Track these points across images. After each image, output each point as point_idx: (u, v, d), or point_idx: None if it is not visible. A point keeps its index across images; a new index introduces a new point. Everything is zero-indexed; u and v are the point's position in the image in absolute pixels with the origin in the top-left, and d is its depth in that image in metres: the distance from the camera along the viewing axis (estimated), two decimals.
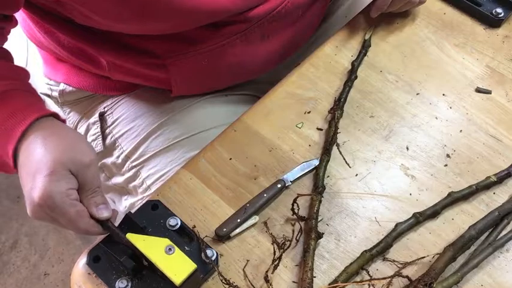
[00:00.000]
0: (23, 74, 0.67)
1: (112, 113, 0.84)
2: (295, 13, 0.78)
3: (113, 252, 0.56)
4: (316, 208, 0.63)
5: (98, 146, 0.84)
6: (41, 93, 0.88)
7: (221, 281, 0.57)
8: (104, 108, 0.84)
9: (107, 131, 0.84)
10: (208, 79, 0.81)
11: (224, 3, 0.67)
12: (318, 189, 0.64)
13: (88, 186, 0.56)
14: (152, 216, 0.61)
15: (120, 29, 0.68)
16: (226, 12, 0.69)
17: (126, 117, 0.83)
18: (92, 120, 0.85)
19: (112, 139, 0.84)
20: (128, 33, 0.70)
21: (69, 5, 0.63)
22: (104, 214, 0.56)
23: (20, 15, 0.80)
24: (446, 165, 0.68)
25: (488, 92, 0.74)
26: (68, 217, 0.54)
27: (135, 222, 0.58)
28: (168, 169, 0.79)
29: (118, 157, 0.83)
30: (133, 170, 0.82)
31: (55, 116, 0.61)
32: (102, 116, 0.84)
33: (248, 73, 0.83)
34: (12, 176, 1.61)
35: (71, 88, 0.83)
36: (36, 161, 0.54)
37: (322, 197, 0.64)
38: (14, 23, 0.69)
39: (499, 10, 0.79)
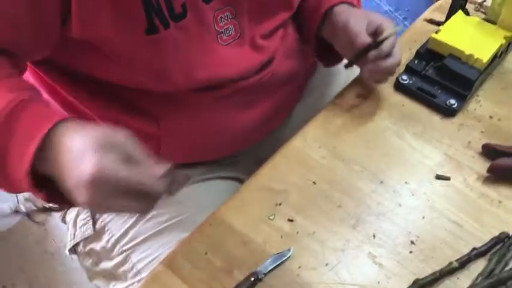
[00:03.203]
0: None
1: None
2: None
3: None
4: None
5: (88, 230, 0.86)
6: None
7: None
8: None
9: (97, 216, 0.86)
10: (196, 142, 0.85)
11: (223, 72, 0.76)
12: None
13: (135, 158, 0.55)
14: None
15: (129, 79, 0.74)
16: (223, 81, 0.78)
17: None
18: None
19: (102, 224, 0.86)
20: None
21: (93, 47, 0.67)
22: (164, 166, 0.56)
23: None
24: (411, 251, 0.71)
25: (447, 179, 0.79)
26: (133, 179, 0.53)
27: None
28: (159, 252, 0.81)
29: (108, 241, 0.85)
30: (123, 255, 0.83)
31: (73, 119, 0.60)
32: None
33: (234, 140, 0.88)
34: None
35: None
36: (77, 148, 0.53)
37: None
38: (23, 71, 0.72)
39: (452, 101, 0.86)
